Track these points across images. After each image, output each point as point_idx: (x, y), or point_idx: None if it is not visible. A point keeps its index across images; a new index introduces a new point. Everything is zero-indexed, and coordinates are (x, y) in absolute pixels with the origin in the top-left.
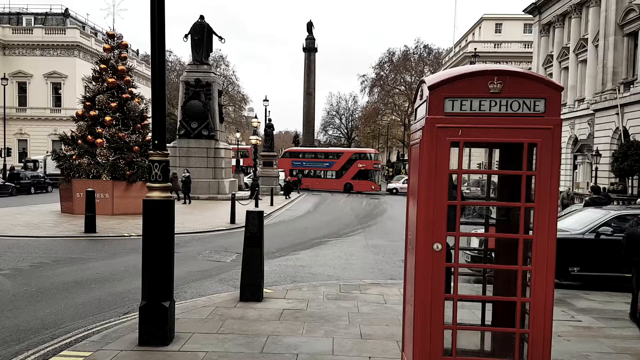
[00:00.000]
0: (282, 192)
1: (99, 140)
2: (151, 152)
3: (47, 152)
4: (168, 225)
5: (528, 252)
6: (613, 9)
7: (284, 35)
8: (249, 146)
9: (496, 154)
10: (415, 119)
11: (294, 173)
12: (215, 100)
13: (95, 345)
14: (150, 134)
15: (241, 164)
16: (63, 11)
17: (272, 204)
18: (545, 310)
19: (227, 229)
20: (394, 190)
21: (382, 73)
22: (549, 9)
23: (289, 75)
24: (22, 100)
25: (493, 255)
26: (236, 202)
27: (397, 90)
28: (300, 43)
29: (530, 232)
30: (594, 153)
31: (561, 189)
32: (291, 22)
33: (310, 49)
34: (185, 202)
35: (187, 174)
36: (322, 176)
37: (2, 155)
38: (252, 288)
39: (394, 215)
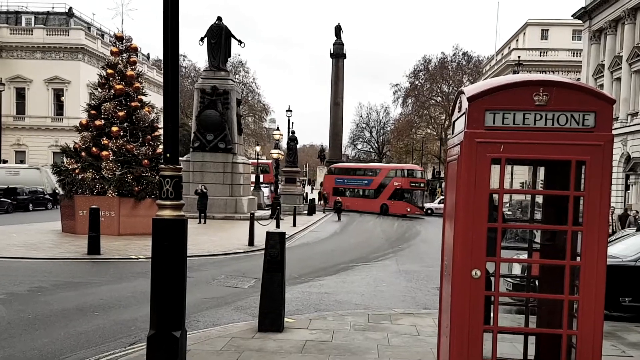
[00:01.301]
0: (305, 212)
1: (104, 153)
2: (162, 166)
3: (41, 165)
4: (180, 246)
5: (575, 280)
6: None
7: (302, 39)
8: (270, 161)
9: (541, 172)
10: (452, 133)
11: (340, 190)
12: (233, 110)
13: None
14: (161, 147)
15: (261, 180)
16: (66, 10)
17: (294, 225)
18: (594, 344)
19: (244, 252)
20: (429, 211)
21: (416, 82)
22: (600, 14)
23: (311, 83)
24: (21, 108)
25: (537, 283)
26: (255, 222)
27: (433, 101)
28: (322, 47)
29: (578, 259)
30: None
31: (618, 211)
32: (311, 25)
33: (338, 54)
34: (200, 222)
35: (205, 190)
36: (361, 195)
37: None
38: (271, 317)
39: (428, 238)
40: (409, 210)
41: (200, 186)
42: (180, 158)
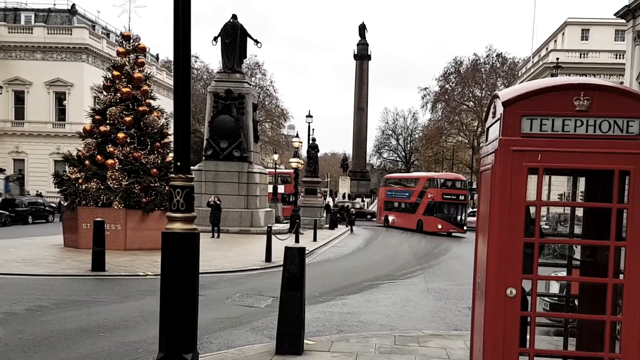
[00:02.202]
0: (327, 225)
1: (110, 161)
2: (172, 175)
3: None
4: (191, 262)
5: (618, 300)
6: None
7: (320, 38)
8: (291, 170)
9: (581, 183)
10: (486, 141)
11: (389, 205)
12: (249, 115)
13: None
14: (171, 155)
15: (282, 191)
16: (69, 7)
17: (315, 239)
18: None
19: (261, 268)
20: None
21: (447, 86)
22: None
23: (332, 86)
24: (20, 113)
25: (576, 302)
26: (273, 236)
27: (464, 106)
28: (344, 48)
29: (621, 276)
30: None
31: None
32: (330, 24)
33: (362, 55)
34: (213, 236)
35: (218, 202)
36: (402, 210)
37: None
38: (290, 339)
39: (459, 253)
40: (440, 227)
41: (213, 197)
42: (191, 167)
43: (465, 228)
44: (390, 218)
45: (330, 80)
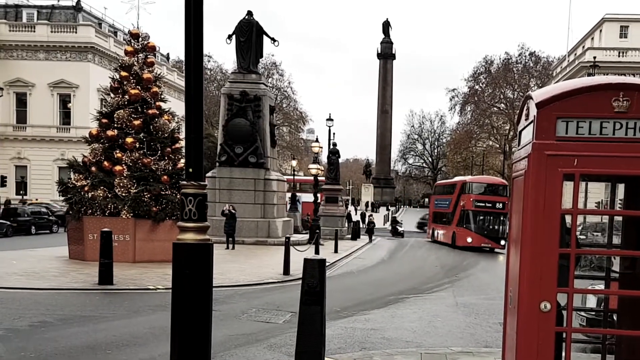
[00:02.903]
0: (348, 236)
1: (118, 168)
2: (184, 183)
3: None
4: (205, 275)
5: None
6: None
7: (339, 37)
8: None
9: (620, 189)
10: (518, 145)
11: (437, 216)
12: (265, 118)
13: None
14: (183, 161)
15: (301, 200)
16: (74, 4)
17: (336, 251)
18: None
19: (279, 282)
20: None
21: (476, 87)
22: None
23: (351, 87)
24: (22, 116)
25: (615, 317)
26: (291, 247)
27: (495, 108)
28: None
29: None
30: None
31: None
32: (350, 21)
33: (386, 55)
34: (227, 247)
35: (233, 211)
36: (443, 222)
37: None
38: (310, 356)
39: (490, 266)
40: (470, 240)
41: (227, 206)
42: (204, 174)
43: (504, 243)
44: (437, 232)
45: (349, 80)
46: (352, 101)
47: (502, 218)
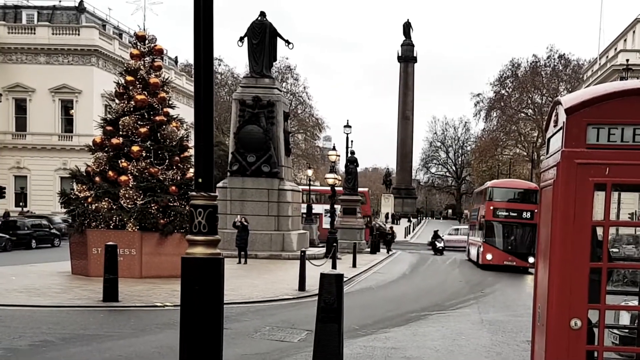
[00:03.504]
0: (367, 249)
1: (123, 178)
2: (193, 194)
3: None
4: (215, 291)
5: None
6: None
7: (356, 38)
8: (366, 189)
9: None
10: (547, 153)
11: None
12: (279, 125)
13: None
14: (192, 170)
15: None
16: (76, 5)
17: (354, 265)
18: None
19: (293, 298)
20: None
21: (503, 91)
22: None
23: (368, 91)
24: (21, 124)
25: None
26: (307, 261)
27: (522, 114)
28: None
29: None
30: None
31: None
32: (364, 21)
33: (407, 58)
34: (239, 261)
35: (246, 223)
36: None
37: None
38: None
39: (516, 281)
40: (490, 258)
41: (239, 218)
42: (215, 184)
43: (532, 260)
44: (469, 248)
45: (367, 83)
46: (371, 106)
47: (530, 230)
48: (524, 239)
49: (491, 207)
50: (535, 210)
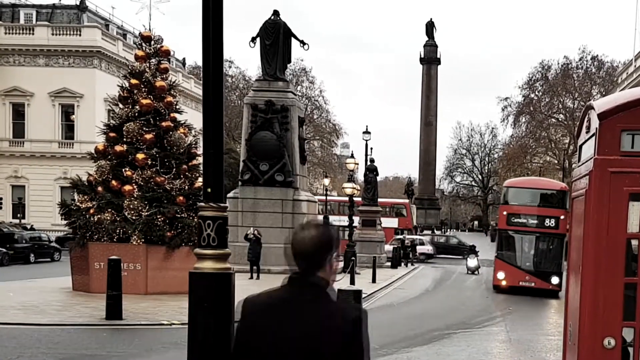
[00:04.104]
0: (388, 264)
1: (127, 188)
2: (202, 204)
3: None
4: (225, 309)
5: None
6: None
7: (372, 38)
8: (406, 200)
9: None
10: (578, 161)
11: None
12: (294, 131)
13: None
14: (200, 179)
15: (394, 225)
16: (77, 3)
17: (374, 280)
18: None
19: None
20: None
21: (532, 95)
22: None
23: (388, 94)
24: (19, 130)
25: None
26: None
27: (553, 119)
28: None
29: None
30: None
31: None
32: (383, 20)
33: (430, 59)
34: (251, 277)
35: (259, 236)
36: None
37: None
38: None
39: (547, 297)
40: (501, 277)
41: (252, 230)
42: (225, 194)
43: (557, 280)
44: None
45: (387, 87)
46: (391, 111)
47: (555, 242)
48: (547, 253)
49: (505, 213)
50: (562, 217)
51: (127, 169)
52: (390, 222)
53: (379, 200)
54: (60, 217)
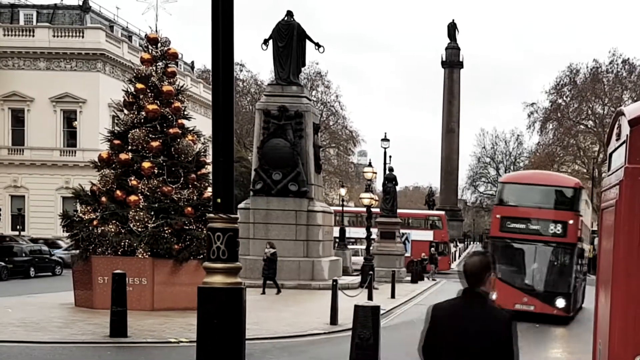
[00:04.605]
0: (408, 278)
1: (132, 198)
2: (211, 215)
3: None
4: (236, 325)
5: None
6: None
7: (389, 39)
8: (442, 212)
9: None
10: (608, 170)
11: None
12: (309, 138)
13: None
14: (210, 189)
15: (429, 238)
16: (80, 4)
17: (393, 296)
18: None
19: (325, 333)
20: None
21: (559, 101)
22: None
23: (408, 101)
24: (18, 137)
25: None
26: (340, 292)
27: (582, 126)
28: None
29: None
30: None
31: None
32: (401, 21)
33: (452, 63)
34: (264, 292)
35: (273, 250)
36: None
37: None
38: None
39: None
40: (494, 298)
41: (267, 247)
42: (236, 205)
43: (563, 303)
44: None
45: (406, 92)
46: (411, 117)
47: (561, 253)
48: (552, 268)
49: (498, 216)
50: (571, 222)
51: (132, 178)
52: (425, 235)
53: (413, 212)
54: (62, 229)
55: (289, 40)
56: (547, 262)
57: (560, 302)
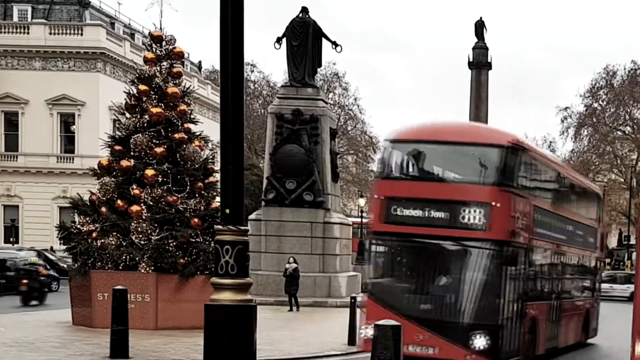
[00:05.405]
0: None
1: (135, 208)
2: (220, 227)
3: None
4: (246, 346)
5: None
6: None
7: (407, 37)
8: None
9: None
10: None
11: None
12: (325, 144)
13: None
14: (218, 199)
15: None
16: None
17: None
18: None
19: (342, 354)
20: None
21: (595, 105)
22: None
23: (431, 103)
24: (12, 142)
25: None
26: (358, 310)
27: (619, 132)
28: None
29: None
30: None
31: None
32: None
33: (480, 63)
34: (291, 309)
35: (295, 265)
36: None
37: None
38: None
39: (609, 333)
40: (363, 335)
41: (290, 261)
42: (246, 216)
43: (483, 342)
44: None
45: (429, 93)
46: (431, 116)
47: (479, 259)
48: (466, 285)
49: (381, 197)
50: (497, 204)
51: (134, 187)
52: None
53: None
54: (59, 241)
55: (303, 39)
56: (458, 276)
57: (479, 341)
